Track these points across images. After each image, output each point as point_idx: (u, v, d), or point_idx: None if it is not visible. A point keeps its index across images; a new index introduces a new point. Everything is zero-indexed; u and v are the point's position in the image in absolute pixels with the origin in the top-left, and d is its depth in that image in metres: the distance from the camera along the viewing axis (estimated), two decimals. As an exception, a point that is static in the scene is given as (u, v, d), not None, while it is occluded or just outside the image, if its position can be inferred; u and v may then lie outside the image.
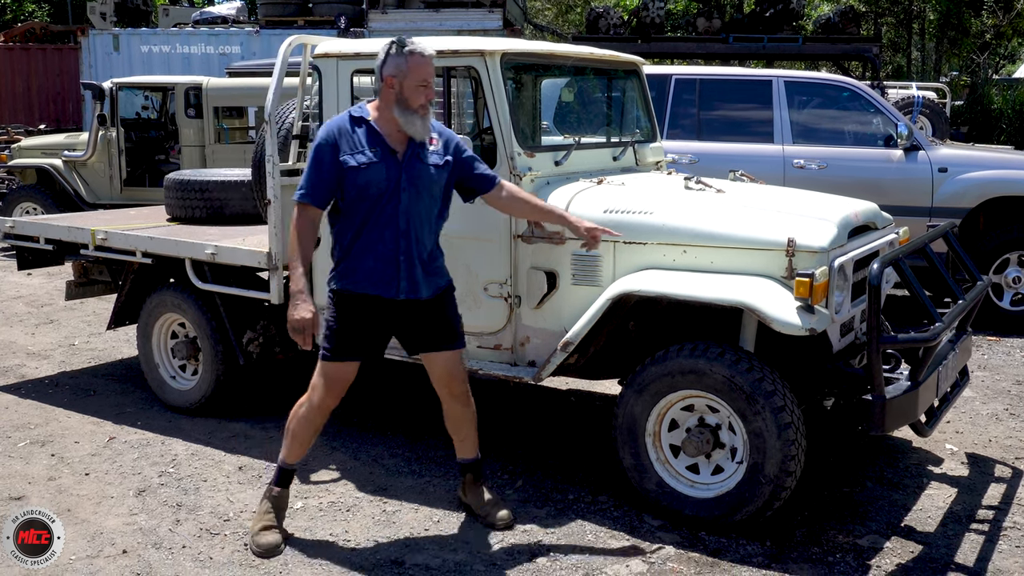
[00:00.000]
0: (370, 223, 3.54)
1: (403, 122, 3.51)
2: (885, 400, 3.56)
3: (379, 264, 3.56)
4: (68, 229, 5.57)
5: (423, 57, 3.49)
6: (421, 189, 3.56)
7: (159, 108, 11.83)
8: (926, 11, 24.48)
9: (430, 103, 3.55)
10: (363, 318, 3.64)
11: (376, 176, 3.50)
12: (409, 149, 3.56)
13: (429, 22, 14.71)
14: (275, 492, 3.80)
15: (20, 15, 27.03)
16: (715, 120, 7.80)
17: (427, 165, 3.57)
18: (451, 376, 3.78)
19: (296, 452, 3.78)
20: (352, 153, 3.50)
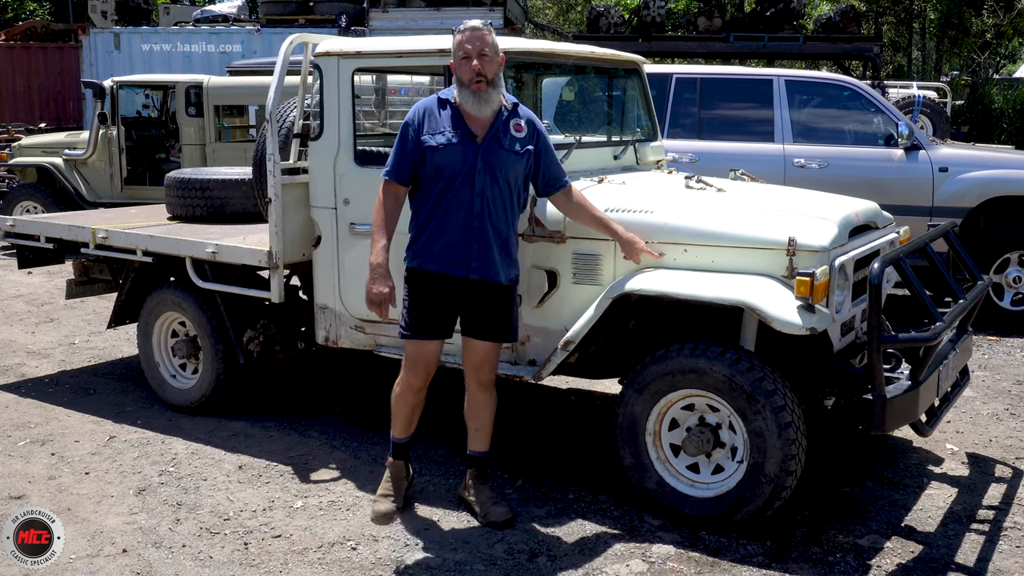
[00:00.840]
0: (445, 203, 3.63)
1: (461, 100, 3.60)
2: (885, 400, 3.56)
3: (452, 244, 3.65)
4: (69, 228, 5.57)
5: (461, 32, 3.60)
6: (497, 174, 3.63)
7: (160, 107, 11.83)
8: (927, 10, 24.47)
9: (486, 81, 3.57)
10: (436, 297, 3.74)
11: (453, 157, 3.59)
12: (490, 133, 3.63)
13: (430, 20, 14.71)
14: (390, 462, 4.01)
15: (21, 14, 27.02)
16: (716, 119, 7.80)
17: (507, 151, 3.64)
18: (485, 364, 3.86)
19: (400, 428, 3.96)
20: (433, 133, 3.61)
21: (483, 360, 3.85)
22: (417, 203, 3.74)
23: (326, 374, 5.96)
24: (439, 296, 3.74)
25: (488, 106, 3.60)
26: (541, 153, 3.76)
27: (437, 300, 3.75)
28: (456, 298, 3.75)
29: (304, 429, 5.00)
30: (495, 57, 3.62)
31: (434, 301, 3.75)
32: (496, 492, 4.06)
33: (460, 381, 5.82)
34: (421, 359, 3.82)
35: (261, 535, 3.82)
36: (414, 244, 3.74)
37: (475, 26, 3.62)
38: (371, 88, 7.16)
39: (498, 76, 3.64)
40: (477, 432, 3.97)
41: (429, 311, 3.76)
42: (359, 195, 4.45)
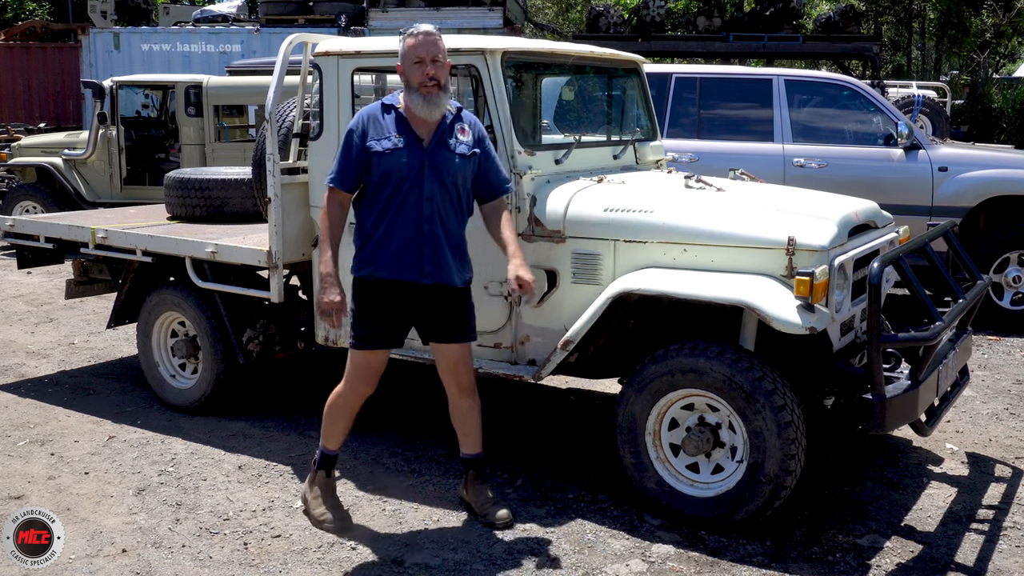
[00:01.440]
0: (393, 208, 3.60)
1: (410, 102, 3.59)
2: (885, 399, 3.56)
3: (403, 249, 3.61)
4: (68, 227, 5.57)
5: (414, 36, 3.60)
6: (445, 177, 3.61)
7: (159, 106, 11.83)
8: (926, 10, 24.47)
9: (438, 85, 3.57)
10: (386, 305, 3.68)
11: (399, 161, 3.57)
12: (436, 136, 3.62)
13: (429, 20, 14.58)
14: (318, 476, 3.88)
15: (21, 13, 27.01)
16: (715, 119, 7.80)
17: (453, 153, 3.62)
18: (460, 368, 3.81)
19: (332, 438, 3.86)
20: (378, 139, 3.59)
21: (457, 363, 3.80)
22: (363, 211, 3.68)
23: (326, 374, 5.96)
24: (390, 304, 3.68)
25: (438, 110, 3.59)
26: (484, 157, 3.73)
27: (388, 309, 3.69)
28: (409, 305, 3.70)
29: (304, 429, 5.00)
30: (446, 62, 3.63)
31: (385, 310, 3.69)
32: (496, 492, 4.05)
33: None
34: (370, 369, 3.76)
35: (261, 535, 3.82)
36: (361, 252, 3.67)
37: (428, 31, 3.62)
38: (371, 88, 7.16)
39: (448, 81, 3.65)
40: (467, 436, 3.94)
41: (380, 320, 3.70)
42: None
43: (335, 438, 3.86)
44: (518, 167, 4.11)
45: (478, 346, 4.31)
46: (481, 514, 3.90)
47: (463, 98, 6.25)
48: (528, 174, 4.12)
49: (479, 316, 4.25)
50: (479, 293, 4.24)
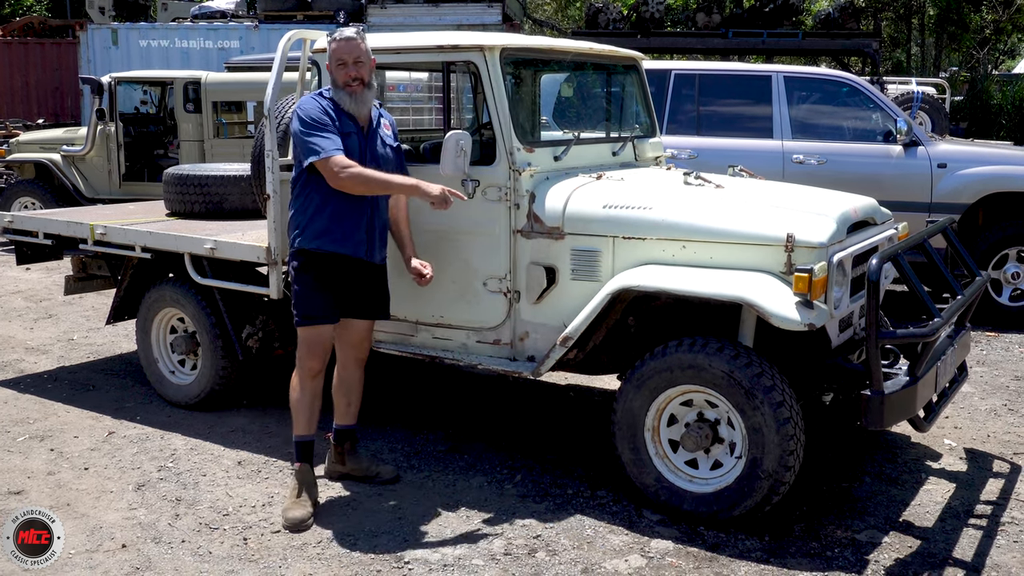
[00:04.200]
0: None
1: (339, 100, 3.87)
2: (883, 395, 3.56)
3: (353, 227, 3.87)
4: (67, 224, 5.57)
5: (336, 41, 3.86)
6: (381, 165, 3.92)
7: (158, 103, 11.82)
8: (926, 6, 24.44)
9: (362, 83, 3.84)
10: (332, 279, 3.91)
11: (353, 146, 3.84)
12: (369, 128, 3.95)
13: (428, 17, 14.70)
14: (297, 467, 4.01)
15: (19, 9, 26.97)
16: (714, 115, 7.81)
17: (384, 144, 3.99)
18: (365, 342, 4.13)
19: (304, 424, 4.00)
20: (334, 122, 3.83)
21: (364, 338, 4.10)
22: (310, 185, 3.85)
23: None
24: (335, 278, 3.90)
25: (364, 106, 3.88)
26: (398, 150, 4.09)
27: (333, 282, 3.90)
28: (347, 280, 3.94)
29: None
30: (368, 62, 3.88)
31: (334, 283, 3.91)
32: (496, 488, 4.06)
33: (459, 376, 5.84)
34: (320, 345, 3.94)
35: (260, 530, 3.82)
36: (310, 225, 3.85)
37: (349, 36, 3.86)
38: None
39: (372, 79, 3.91)
40: (349, 407, 4.18)
41: (326, 295, 3.90)
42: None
43: (302, 422, 4.02)
44: (517, 164, 4.11)
45: (477, 342, 4.32)
46: (372, 475, 4.19)
47: (462, 95, 6.26)
48: (527, 171, 4.12)
49: (479, 312, 4.27)
50: (478, 289, 4.25)
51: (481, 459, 4.52)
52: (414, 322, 4.48)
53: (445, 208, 3.81)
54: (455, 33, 4.58)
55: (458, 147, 3.97)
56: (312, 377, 3.97)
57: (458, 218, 4.24)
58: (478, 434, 4.86)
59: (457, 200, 4.11)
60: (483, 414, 5.21)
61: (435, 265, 4.34)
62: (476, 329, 4.31)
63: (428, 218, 4.33)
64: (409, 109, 8.35)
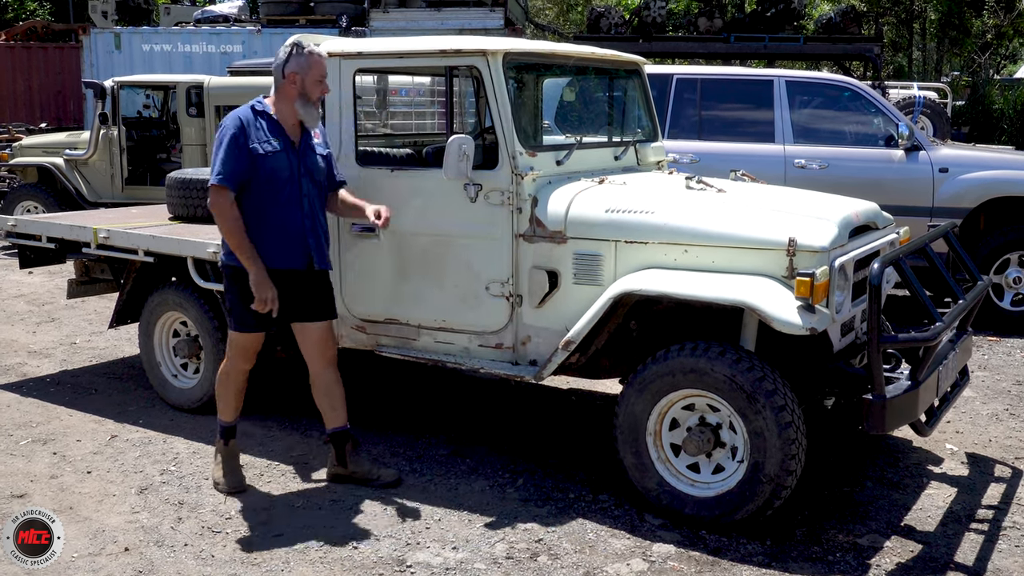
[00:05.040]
0: (280, 204, 3.96)
1: (302, 113, 3.96)
2: (885, 400, 3.57)
3: (290, 241, 3.98)
4: (70, 228, 5.58)
5: (320, 57, 3.97)
6: (315, 175, 4.06)
7: (160, 107, 11.83)
8: (927, 11, 24.47)
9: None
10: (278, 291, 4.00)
11: (281, 163, 3.94)
12: (302, 140, 4.04)
13: (430, 21, 14.72)
14: (221, 446, 4.29)
15: (22, 14, 27.01)
16: (716, 120, 7.81)
17: (317, 155, 4.08)
18: (327, 344, 4.17)
19: (230, 412, 4.26)
20: (259, 142, 3.93)
21: (326, 338, 4.16)
22: (248, 206, 3.95)
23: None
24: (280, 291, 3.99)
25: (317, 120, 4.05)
26: (330, 156, 4.19)
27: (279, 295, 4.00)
28: (286, 291, 4.01)
29: (305, 429, 5.01)
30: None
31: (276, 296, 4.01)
32: (498, 492, 4.06)
33: (461, 380, 5.84)
34: (251, 350, 4.16)
35: (262, 533, 3.83)
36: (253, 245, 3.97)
37: (323, 53, 4.01)
38: (372, 88, 7.17)
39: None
40: (334, 410, 4.21)
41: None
42: (361, 195, 4.46)
43: (228, 411, 4.25)
44: (519, 168, 4.12)
45: (479, 346, 4.33)
46: (372, 479, 4.23)
47: (464, 99, 6.28)
48: (529, 175, 4.13)
49: (481, 316, 4.28)
50: (480, 293, 4.26)
51: (483, 463, 4.53)
52: (416, 326, 4.48)
53: (260, 308, 3.94)
54: (458, 38, 4.60)
55: (461, 151, 3.99)
56: (239, 374, 4.20)
57: (461, 222, 4.25)
58: (480, 438, 4.87)
59: (460, 204, 4.15)
60: (485, 418, 5.21)
61: (437, 269, 4.35)
62: (478, 333, 4.32)
63: (431, 222, 4.34)
64: (412, 113, 8.36)
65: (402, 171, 4.52)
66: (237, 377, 4.21)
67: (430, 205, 4.34)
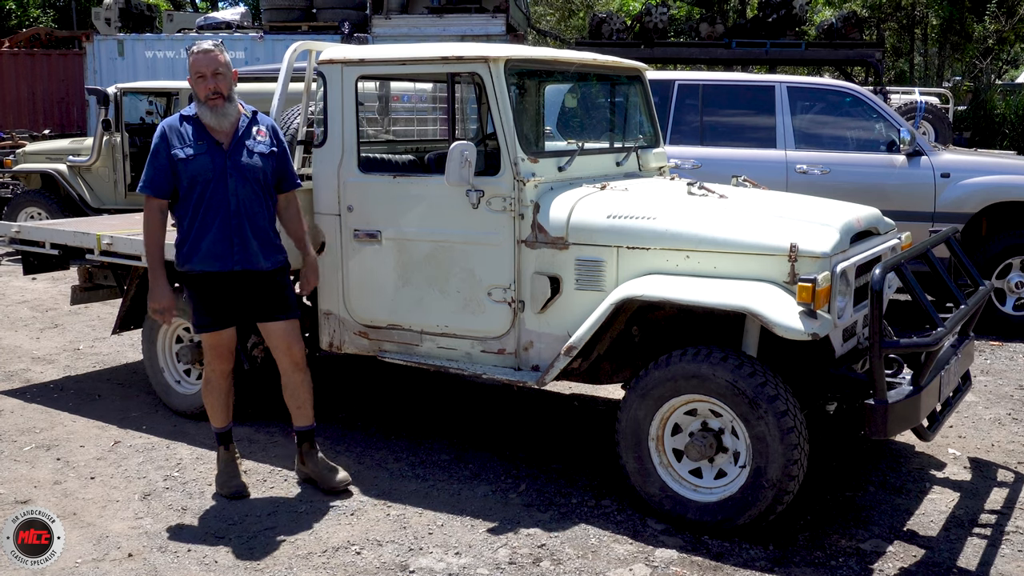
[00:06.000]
0: (203, 207, 3.97)
1: (201, 115, 3.96)
2: (887, 404, 3.57)
3: (214, 242, 3.98)
4: (74, 234, 5.60)
5: (195, 54, 3.95)
6: (247, 174, 3.99)
7: (163, 113, 11.85)
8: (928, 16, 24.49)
9: (222, 96, 3.92)
10: (212, 293, 4.06)
11: (203, 165, 3.93)
12: (234, 139, 3.99)
13: (432, 28, 14.75)
14: (221, 451, 4.33)
15: (25, 21, 27.11)
16: (718, 125, 7.83)
17: (253, 153, 4.01)
18: (291, 344, 4.19)
19: (220, 418, 4.29)
20: (181, 147, 3.94)
21: (286, 341, 4.17)
22: (179, 212, 4.03)
23: (329, 380, 5.98)
24: (215, 292, 4.05)
25: (226, 119, 3.96)
26: (281, 156, 4.12)
27: (215, 295, 4.06)
28: (229, 290, 4.05)
29: (308, 434, 5.01)
30: (228, 74, 3.97)
31: (213, 296, 4.06)
32: (500, 497, 4.07)
33: (463, 385, 5.85)
34: (220, 348, 4.17)
35: (266, 539, 3.83)
36: (182, 248, 4.04)
37: (207, 48, 3.94)
38: (374, 95, 7.18)
39: (232, 91, 3.99)
40: (299, 410, 4.29)
41: (212, 306, 4.08)
42: (363, 202, 4.48)
43: (218, 416, 4.28)
44: (521, 174, 4.13)
45: (482, 352, 4.34)
46: (322, 481, 4.24)
47: (466, 105, 6.29)
48: (531, 181, 4.15)
49: (483, 322, 4.29)
50: (483, 299, 4.27)
51: (486, 468, 4.54)
52: (419, 331, 4.49)
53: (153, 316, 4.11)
54: (460, 44, 4.61)
55: (463, 158, 4.00)
56: (221, 376, 4.22)
57: (463, 228, 4.26)
58: (483, 443, 4.87)
59: (462, 210, 4.15)
60: (488, 423, 5.22)
61: (440, 275, 4.36)
62: (481, 338, 4.33)
63: (433, 228, 4.35)
64: (414, 120, 8.37)
65: (404, 177, 4.53)
66: (219, 380, 4.23)
67: (432, 211, 4.36)
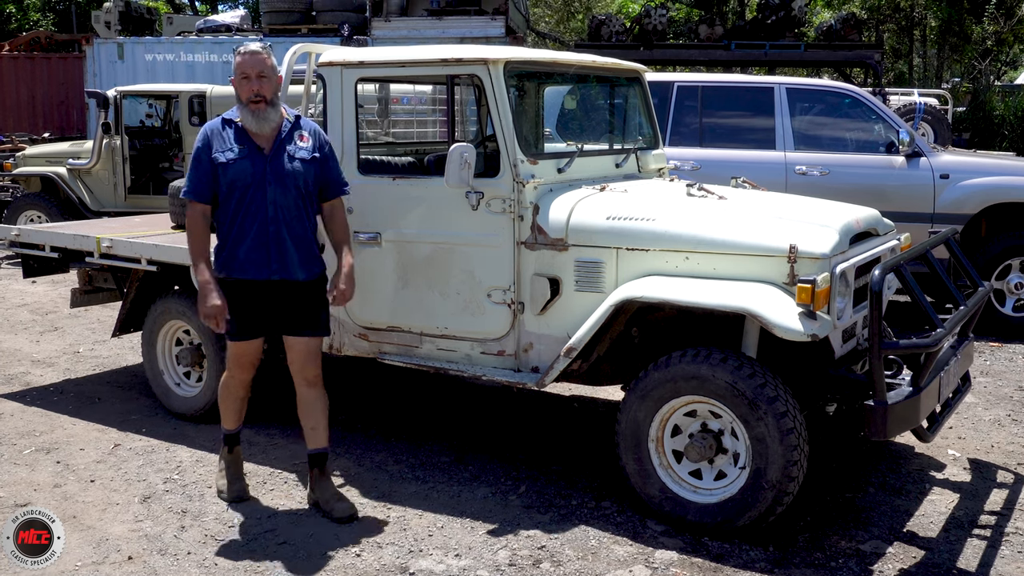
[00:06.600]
0: (242, 213, 3.89)
1: (243, 118, 3.88)
2: (887, 406, 3.57)
3: (252, 250, 3.90)
4: (73, 237, 5.60)
5: (241, 54, 3.86)
6: (287, 181, 3.89)
7: (163, 116, 11.88)
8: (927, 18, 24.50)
9: (264, 100, 3.84)
10: (246, 301, 3.96)
11: (243, 170, 3.85)
12: (275, 144, 3.90)
13: (432, 30, 14.75)
14: (226, 452, 4.29)
15: (25, 24, 27.12)
16: (717, 127, 7.84)
17: (294, 159, 3.91)
18: (308, 361, 4.07)
19: (229, 420, 4.24)
20: (222, 151, 3.87)
21: (304, 356, 4.05)
22: (219, 217, 3.96)
23: (330, 382, 5.97)
24: (249, 301, 3.96)
25: (267, 123, 3.86)
26: (324, 162, 4.00)
27: (248, 304, 3.96)
28: (264, 300, 3.97)
29: (308, 437, 5.01)
30: (273, 78, 3.88)
31: (247, 305, 3.96)
32: (501, 499, 4.07)
33: (463, 387, 5.85)
34: (245, 357, 4.09)
35: (266, 542, 3.84)
36: (220, 255, 3.96)
37: (254, 50, 3.86)
38: (374, 97, 7.19)
39: (276, 95, 3.91)
40: (313, 431, 4.13)
41: (244, 315, 3.97)
42: (363, 204, 4.48)
43: (230, 419, 4.23)
44: (521, 176, 4.13)
45: (481, 353, 4.34)
46: (326, 510, 4.06)
47: (466, 107, 6.30)
48: (531, 183, 4.15)
49: (483, 323, 4.29)
50: (482, 301, 4.27)
51: (486, 470, 4.54)
52: (419, 333, 4.50)
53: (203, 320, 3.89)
54: (459, 46, 4.61)
55: (462, 159, 4.00)
56: (240, 385, 4.16)
57: (462, 230, 4.27)
58: (483, 445, 4.87)
59: (461, 212, 4.15)
60: (488, 425, 5.22)
61: (439, 277, 4.36)
62: (480, 340, 4.33)
63: (432, 230, 4.35)
64: (413, 122, 8.38)
65: (404, 179, 4.53)
66: (236, 388, 4.17)
67: (432, 213, 4.36)
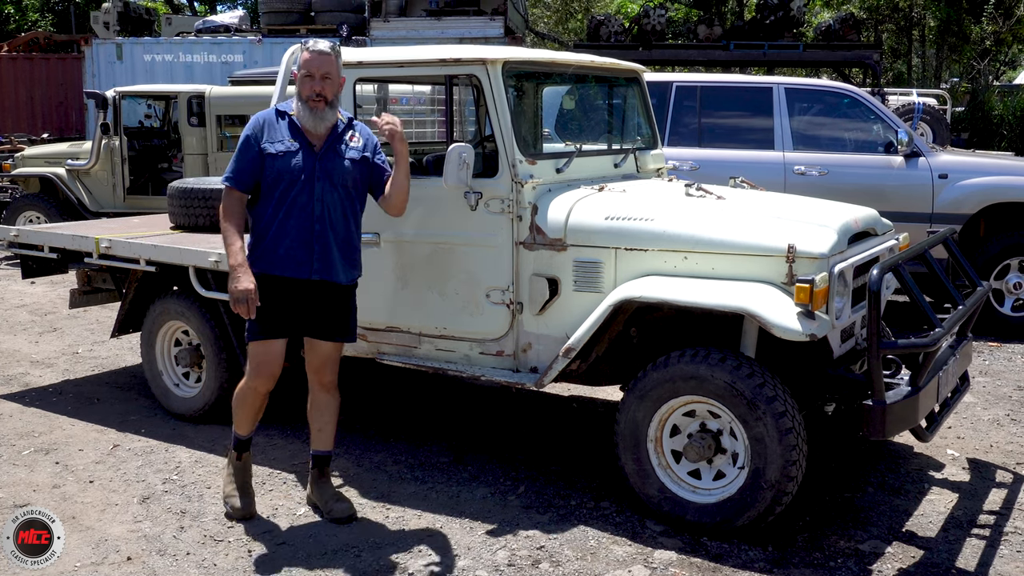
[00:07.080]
0: (285, 208, 3.80)
1: (299, 114, 3.81)
2: (886, 405, 3.58)
3: (294, 247, 3.81)
4: (72, 237, 5.60)
5: (309, 52, 3.80)
6: (336, 179, 3.83)
7: (162, 117, 11.88)
8: (926, 18, 24.51)
9: (324, 100, 3.78)
10: (277, 299, 3.86)
11: (292, 163, 3.78)
12: (327, 143, 3.84)
13: (431, 30, 14.75)
14: (234, 458, 4.12)
15: (24, 25, 27.11)
16: (716, 127, 7.84)
17: (343, 158, 3.85)
18: (327, 366, 4.01)
19: (242, 426, 4.09)
20: (272, 142, 3.80)
21: (325, 361, 4.00)
22: (258, 210, 3.87)
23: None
24: (281, 299, 3.87)
25: (322, 123, 3.81)
26: (374, 163, 3.94)
27: (279, 303, 3.87)
28: (298, 299, 3.88)
29: (307, 437, 4.97)
30: (337, 79, 3.83)
31: (278, 303, 3.87)
32: (500, 499, 4.07)
33: (462, 387, 5.85)
34: (267, 361, 3.94)
35: (265, 542, 3.83)
36: (256, 248, 3.86)
37: (322, 49, 3.80)
38: (372, 98, 7.19)
39: (337, 97, 3.86)
40: (320, 432, 4.09)
41: (274, 313, 3.87)
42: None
43: (243, 425, 4.08)
44: (519, 176, 4.13)
45: (480, 354, 4.34)
46: (325, 511, 4.04)
47: (464, 107, 6.30)
48: (529, 183, 4.15)
49: (481, 324, 4.29)
50: (481, 301, 4.27)
51: (484, 470, 4.54)
52: (417, 333, 4.50)
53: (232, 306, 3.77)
54: (458, 47, 4.61)
55: (461, 159, 4.00)
56: (256, 395, 4.01)
57: (461, 230, 4.27)
58: (482, 445, 4.87)
59: (460, 212, 4.15)
60: (486, 425, 5.22)
61: (438, 277, 4.36)
62: (479, 340, 4.33)
63: (431, 230, 4.36)
64: (412, 122, 8.39)
65: (403, 180, 4.52)
66: (254, 400, 4.02)
67: (430, 213, 4.36)
